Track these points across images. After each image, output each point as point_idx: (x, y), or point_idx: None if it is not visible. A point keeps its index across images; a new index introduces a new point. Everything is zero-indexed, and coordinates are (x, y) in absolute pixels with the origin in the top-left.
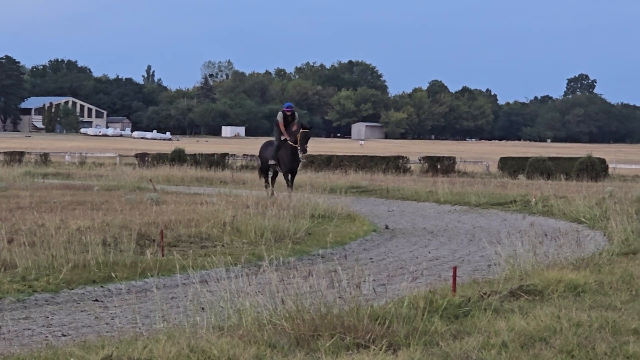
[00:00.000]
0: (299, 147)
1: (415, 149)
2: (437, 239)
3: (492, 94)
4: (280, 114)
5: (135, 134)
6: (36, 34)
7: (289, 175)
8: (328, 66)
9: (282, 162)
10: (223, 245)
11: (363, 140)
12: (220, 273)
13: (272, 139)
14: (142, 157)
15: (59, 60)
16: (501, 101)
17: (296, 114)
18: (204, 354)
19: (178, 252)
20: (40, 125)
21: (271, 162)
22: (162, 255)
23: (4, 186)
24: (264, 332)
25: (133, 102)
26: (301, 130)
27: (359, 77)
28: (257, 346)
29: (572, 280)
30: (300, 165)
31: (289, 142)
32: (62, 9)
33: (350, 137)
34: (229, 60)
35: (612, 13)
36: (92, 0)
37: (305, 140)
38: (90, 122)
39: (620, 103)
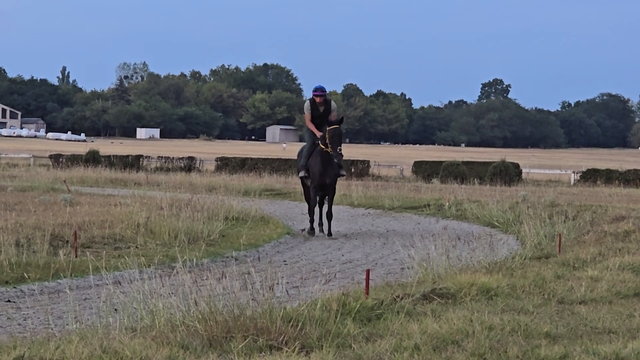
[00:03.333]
0: (330, 151)
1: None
2: (350, 242)
3: (407, 97)
4: (307, 103)
5: (50, 135)
6: None
7: (323, 196)
8: (243, 69)
9: (311, 174)
10: (137, 247)
11: (285, 144)
12: (133, 274)
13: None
14: (57, 158)
15: None
16: (416, 105)
17: (332, 102)
18: (116, 354)
19: (91, 253)
20: None
21: (300, 174)
22: (76, 257)
23: None
24: (176, 334)
25: (48, 103)
26: (328, 128)
27: (274, 80)
28: (169, 347)
29: (484, 283)
30: (336, 180)
31: (320, 145)
32: None
33: (265, 140)
34: (144, 62)
35: (526, 18)
36: (8, 0)
37: (335, 140)
38: (5, 123)
39: (534, 108)
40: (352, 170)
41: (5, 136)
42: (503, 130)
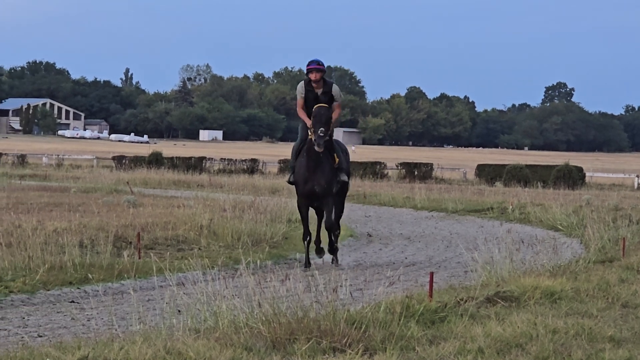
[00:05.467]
0: (313, 138)
1: (392, 155)
2: (414, 245)
3: (470, 101)
4: (300, 84)
5: (113, 136)
6: (14, 35)
7: (319, 209)
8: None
9: (295, 179)
10: (200, 249)
11: (355, 146)
12: (197, 276)
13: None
14: (120, 160)
15: (37, 62)
16: (479, 108)
17: (335, 86)
18: (180, 356)
19: (155, 254)
20: (17, 126)
21: (289, 178)
22: (139, 258)
23: None
24: (240, 335)
25: (111, 104)
26: (315, 107)
27: (337, 82)
28: (233, 349)
29: (548, 287)
30: (337, 187)
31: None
32: (41, 11)
33: None
34: (207, 64)
35: (591, 21)
36: (72, 2)
37: (319, 120)
38: (68, 125)
39: (598, 112)
40: (416, 173)
41: (69, 137)
42: (566, 134)
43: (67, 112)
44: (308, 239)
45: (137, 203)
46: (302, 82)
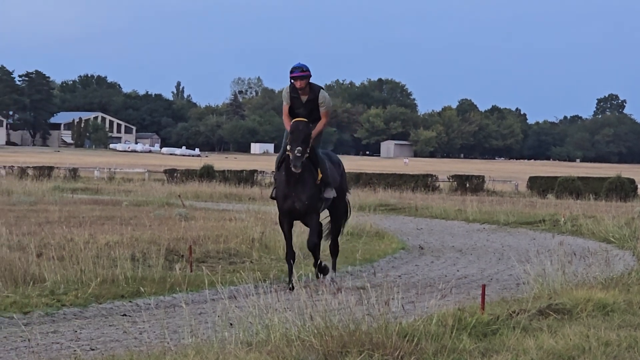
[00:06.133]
0: (290, 156)
1: (444, 168)
2: (465, 257)
3: (522, 113)
4: (285, 89)
5: (164, 150)
6: (66, 49)
7: (310, 226)
8: (358, 84)
9: (276, 194)
10: (251, 262)
11: (407, 159)
12: (248, 289)
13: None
14: (171, 173)
15: (89, 75)
16: (530, 120)
17: (323, 92)
18: None
19: (207, 267)
20: (69, 140)
21: (272, 193)
22: (191, 271)
23: (34, 200)
24: (292, 348)
25: (162, 118)
26: (293, 121)
27: (389, 95)
28: None
29: (601, 299)
30: (324, 204)
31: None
32: (93, 24)
33: (379, 155)
34: (259, 77)
35: None
36: (123, 15)
37: (296, 137)
38: (120, 138)
39: None
40: (467, 185)
41: (121, 151)
42: (618, 146)
43: (119, 125)
44: (291, 260)
45: (189, 216)
46: (287, 87)
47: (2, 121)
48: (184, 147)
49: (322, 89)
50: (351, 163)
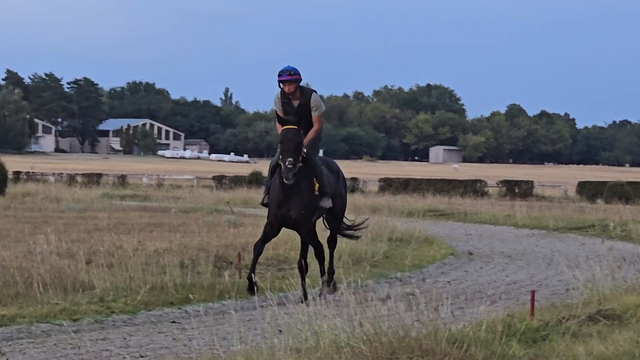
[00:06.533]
0: (281, 166)
1: (493, 173)
2: (515, 263)
3: (571, 118)
4: (276, 96)
5: (213, 156)
6: (114, 56)
7: (302, 237)
8: (406, 89)
9: (269, 201)
10: None
11: (457, 165)
12: (297, 295)
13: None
14: (220, 180)
15: (137, 82)
16: (579, 125)
17: (314, 94)
18: None
19: (255, 274)
20: (118, 147)
21: (263, 199)
22: (240, 278)
23: (82, 208)
24: (341, 355)
25: (211, 124)
26: (282, 129)
27: (437, 100)
28: None
29: None
30: (318, 215)
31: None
32: (140, 31)
33: (428, 161)
34: (307, 83)
35: None
36: (170, 22)
37: (286, 147)
38: (168, 145)
39: None
40: (516, 190)
41: (169, 158)
42: None
43: (167, 132)
44: (258, 253)
45: (238, 223)
46: (278, 92)
47: (51, 128)
48: (232, 154)
49: (314, 92)
50: (399, 169)
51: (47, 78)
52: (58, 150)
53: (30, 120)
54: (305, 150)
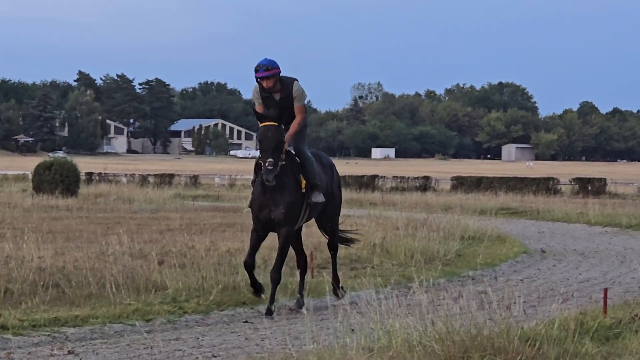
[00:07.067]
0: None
1: (565, 171)
2: (587, 261)
3: None
4: (255, 88)
5: None
6: (186, 56)
7: (280, 240)
8: (478, 88)
9: (252, 202)
10: (373, 267)
11: (531, 162)
12: (370, 294)
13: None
14: None
15: (209, 82)
16: None
17: (296, 84)
18: None
19: (328, 274)
20: (189, 147)
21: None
22: (312, 277)
23: (155, 208)
24: (413, 354)
25: None
26: (261, 126)
27: (509, 98)
28: None
29: None
30: (302, 218)
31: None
32: (212, 32)
33: (500, 159)
34: (379, 82)
35: None
36: (241, 22)
37: (265, 145)
38: (240, 145)
39: None
40: (589, 188)
41: (241, 157)
42: None
43: (239, 132)
44: (250, 267)
45: (310, 222)
46: (256, 86)
47: (123, 129)
48: None
49: (296, 80)
50: (472, 167)
51: (118, 79)
52: (130, 151)
53: (103, 121)
54: (289, 144)
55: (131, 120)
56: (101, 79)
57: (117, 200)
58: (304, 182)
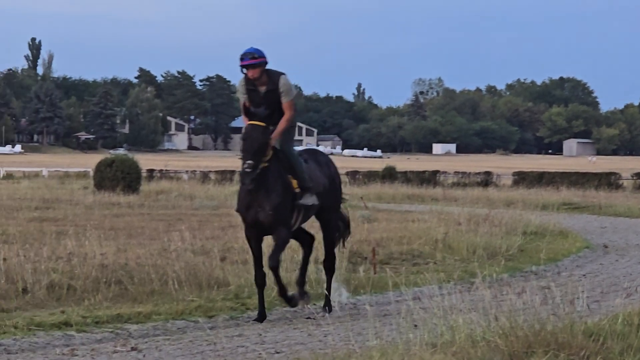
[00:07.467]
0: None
1: (627, 165)
2: None
3: None
4: (239, 82)
5: (346, 152)
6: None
7: (276, 241)
8: (539, 83)
9: (239, 203)
10: (435, 263)
11: (594, 157)
12: (432, 290)
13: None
14: (353, 175)
15: None
16: None
17: (283, 77)
18: None
19: (390, 269)
20: None
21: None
22: (375, 273)
23: (216, 205)
24: (477, 349)
25: (343, 120)
26: (246, 124)
27: (570, 93)
28: None
29: None
30: (296, 220)
31: None
32: (272, 28)
33: (561, 154)
34: (439, 77)
35: None
36: (301, 19)
37: (247, 146)
38: (301, 141)
39: None
40: None
41: None
42: None
43: (300, 128)
44: (261, 282)
45: (372, 218)
46: (242, 79)
47: (184, 126)
48: (365, 149)
49: (283, 74)
50: (533, 162)
51: (179, 76)
52: (191, 147)
53: (163, 118)
54: (275, 143)
55: (192, 117)
56: (162, 75)
57: (179, 197)
58: (294, 182)
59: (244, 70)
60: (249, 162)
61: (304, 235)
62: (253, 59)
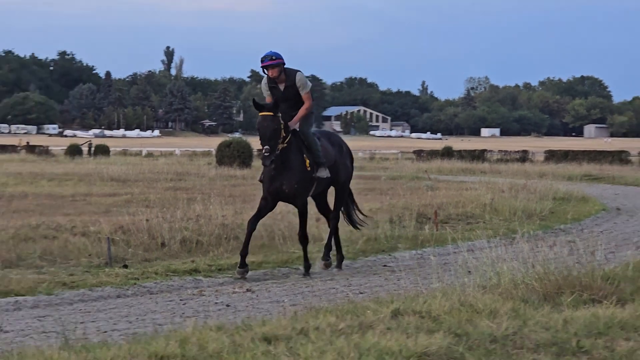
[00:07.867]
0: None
1: (636, 145)
2: None
3: None
4: (263, 81)
5: (413, 135)
6: (335, 56)
7: (299, 210)
8: (565, 80)
9: (264, 175)
10: (484, 222)
11: (609, 138)
12: (482, 244)
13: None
14: (419, 153)
15: (353, 77)
16: None
17: (299, 74)
18: (471, 307)
19: (449, 227)
20: (338, 129)
21: (261, 176)
22: (437, 230)
23: None
24: (518, 290)
25: (411, 110)
26: (259, 116)
27: (589, 88)
28: (513, 301)
29: None
30: (317, 186)
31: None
32: (354, 37)
33: (582, 136)
34: (486, 76)
35: None
36: (377, 29)
37: (262, 134)
38: (377, 126)
39: None
40: None
41: (379, 137)
42: None
43: (377, 116)
44: (251, 229)
45: (434, 187)
46: (265, 78)
47: None
48: (428, 133)
49: (299, 71)
50: (560, 143)
51: None
52: None
53: None
54: (297, 126)
55: None
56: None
57: None
58: (307, 161)
59: (265, 71)
60: (266, 147)
61: (329, 211)
62: (272, 61)
